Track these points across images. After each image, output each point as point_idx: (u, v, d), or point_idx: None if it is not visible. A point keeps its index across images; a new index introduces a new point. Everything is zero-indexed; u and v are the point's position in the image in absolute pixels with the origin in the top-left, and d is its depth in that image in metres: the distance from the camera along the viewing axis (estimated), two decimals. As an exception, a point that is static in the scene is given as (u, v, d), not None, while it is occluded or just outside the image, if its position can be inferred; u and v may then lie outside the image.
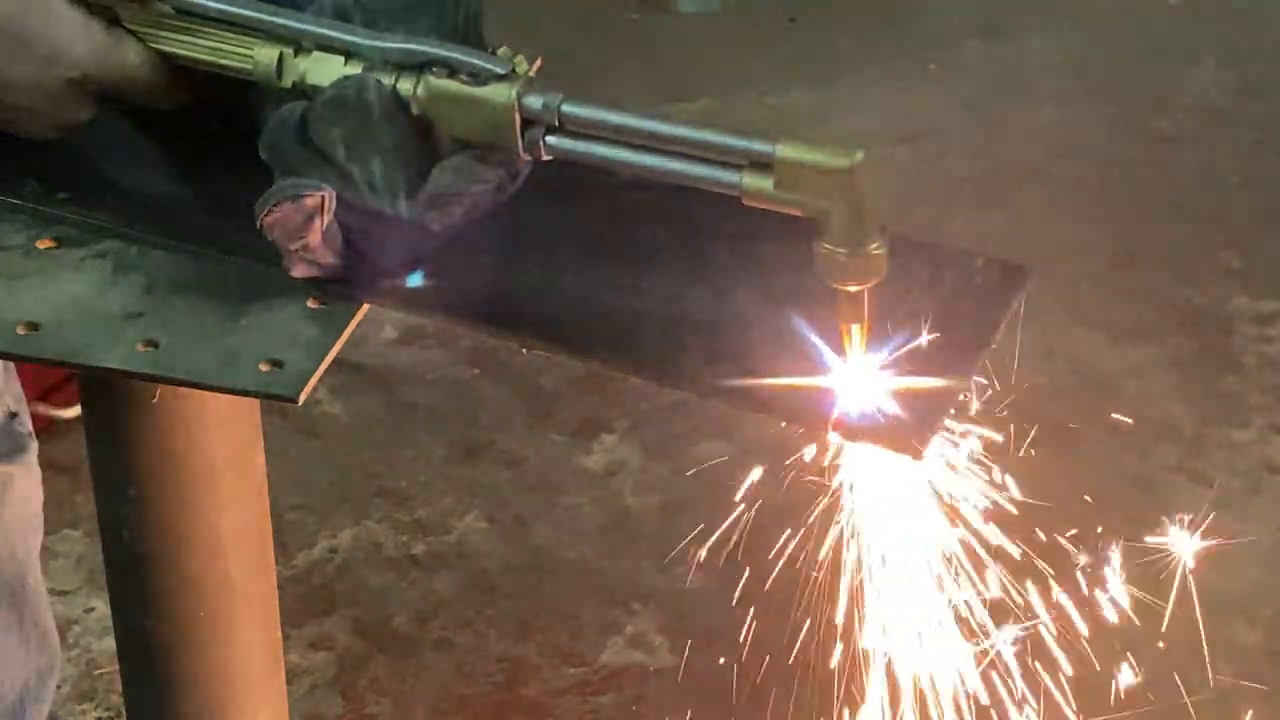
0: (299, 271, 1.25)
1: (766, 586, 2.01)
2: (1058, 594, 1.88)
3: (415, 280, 1.27)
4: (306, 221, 1.21)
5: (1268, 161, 3.81)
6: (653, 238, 1.32)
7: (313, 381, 1.22)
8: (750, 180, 1.17)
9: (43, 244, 1.32)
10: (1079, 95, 4.03)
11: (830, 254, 1.15)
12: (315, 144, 1.24)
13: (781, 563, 1.85)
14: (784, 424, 1.20)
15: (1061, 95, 4.03)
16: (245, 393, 1.23)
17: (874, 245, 1.15)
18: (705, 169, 1.19)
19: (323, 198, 1.21)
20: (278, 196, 1.21)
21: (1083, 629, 1.91)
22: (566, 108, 1.22)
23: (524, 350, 1.29)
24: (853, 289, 1.16)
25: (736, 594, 2.23)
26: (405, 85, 1.24)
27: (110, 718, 2.57)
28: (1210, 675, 2.44)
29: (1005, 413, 1.49)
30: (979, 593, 1.56)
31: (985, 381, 1.30)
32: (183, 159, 1.38)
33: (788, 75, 4.10)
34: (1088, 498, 2.51)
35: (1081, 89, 4.05)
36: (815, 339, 1.20)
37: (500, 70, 1.22)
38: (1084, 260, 3.42)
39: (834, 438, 1.21)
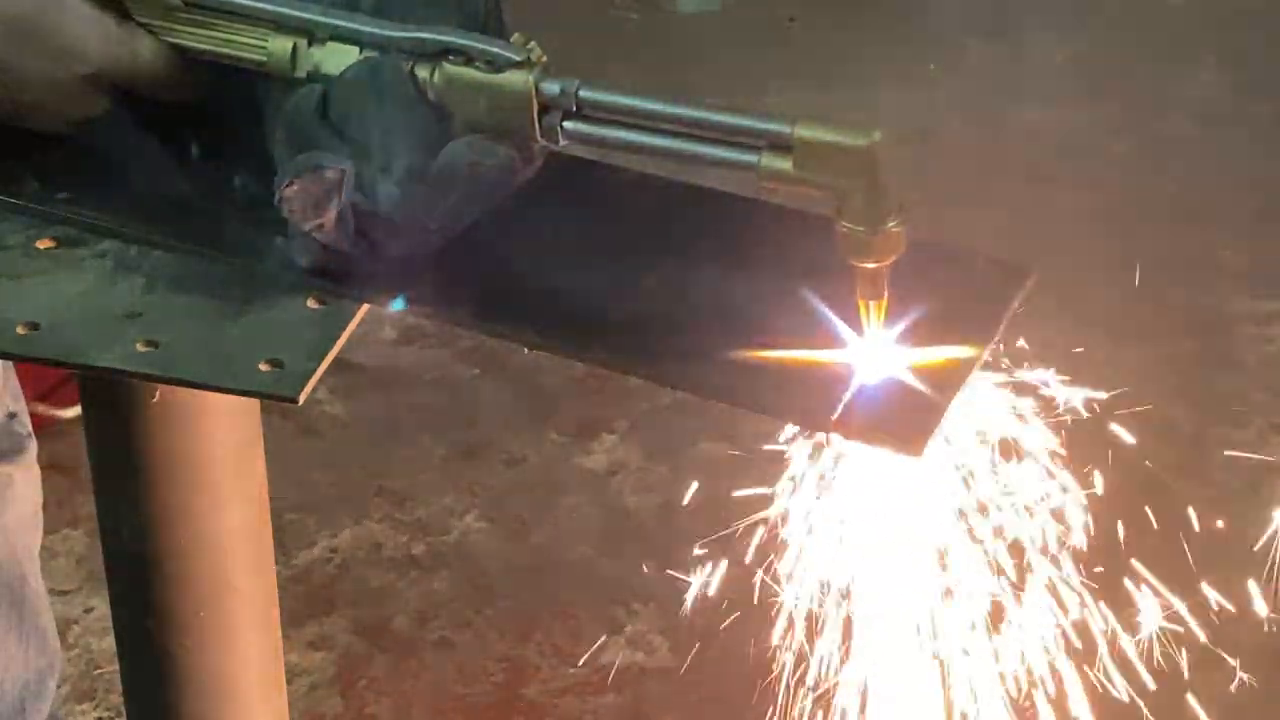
0: (307, 259, 1.25)
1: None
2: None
3: (399, 305, 1.26)
4: (325, 196, 1.21)
5: (1268, 161, 3.81)
6: (653, 238, 1.32)
7: (313, 381, 1.22)
8: (768, 161, 1.17)
9: (43, 244, 1.32)
10: (1079, 95, 4.03)
11: (850, 232, 1.16)
12: (334, 122, 1.24)
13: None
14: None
15: (1061, 95, 4.03)
16: (245, 393, 1.23)
17: (893, 222, 1.16)
18: (723, 151, 1.20)
19: (343, 172, 1.21)
20: (299, 168, 1.21)
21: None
22: (584, 92, 1.22)
23: (524, 350, 1.29)
24: (872, 266, 1.17)
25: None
26: (422, 73, 1.24)
27: (110, 718, 2.57)
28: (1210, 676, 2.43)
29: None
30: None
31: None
32: (183, 158, 1.38)
33: (788, 75, 4.10)
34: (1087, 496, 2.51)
35: (1081, 89, 4.05)
36: (815, 338, 1.20)
37: (516, 57, 1.23)
38: (1084, 260, 3.42)
39: (834, 437, 1.21)
